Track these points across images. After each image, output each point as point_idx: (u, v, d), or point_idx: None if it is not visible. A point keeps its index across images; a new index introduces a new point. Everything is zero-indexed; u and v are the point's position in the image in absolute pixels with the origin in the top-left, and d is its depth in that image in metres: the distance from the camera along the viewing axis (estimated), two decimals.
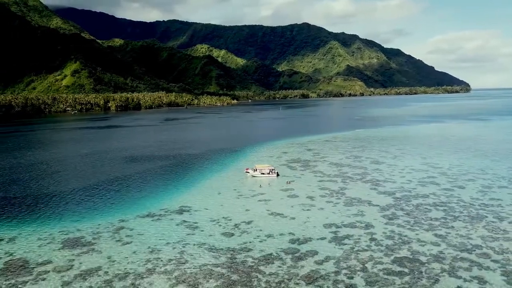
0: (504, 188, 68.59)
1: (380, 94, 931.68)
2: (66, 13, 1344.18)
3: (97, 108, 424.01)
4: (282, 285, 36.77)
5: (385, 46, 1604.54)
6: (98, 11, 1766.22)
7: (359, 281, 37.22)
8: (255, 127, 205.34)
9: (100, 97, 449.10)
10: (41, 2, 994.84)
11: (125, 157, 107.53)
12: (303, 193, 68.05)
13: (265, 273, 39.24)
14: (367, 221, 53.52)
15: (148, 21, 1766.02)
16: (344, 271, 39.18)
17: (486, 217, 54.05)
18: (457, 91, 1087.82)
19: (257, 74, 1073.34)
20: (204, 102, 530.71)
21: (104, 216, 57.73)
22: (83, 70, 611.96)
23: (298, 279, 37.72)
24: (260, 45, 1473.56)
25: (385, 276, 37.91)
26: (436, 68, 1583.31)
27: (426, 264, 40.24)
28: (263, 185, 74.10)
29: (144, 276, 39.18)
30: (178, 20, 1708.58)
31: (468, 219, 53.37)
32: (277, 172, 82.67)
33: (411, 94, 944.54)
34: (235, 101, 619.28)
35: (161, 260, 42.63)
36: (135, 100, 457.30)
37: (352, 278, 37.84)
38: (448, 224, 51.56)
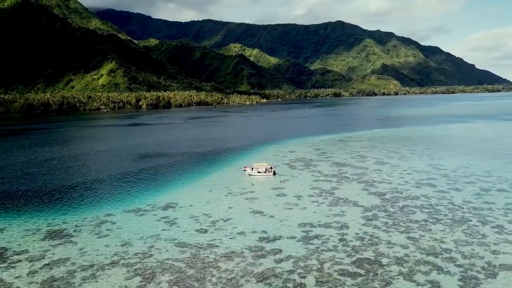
0: (503, 192, 65.65)
1: (416, 93, 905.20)
2: (106, 14, 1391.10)
3: (129, 106, 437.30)
4: (233, 281, 37.31)
5: (422, 44, 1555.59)
6: (135, 12, 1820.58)
7: (310, 280, 37.17)
8: (272, 126, 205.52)
9: (132, 95, 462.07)
10: (81, 4, 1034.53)
11: (133, 154, 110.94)
12: (292, 192, 67.96)
13: (220, 269, 39.88)
14: (344, 221, 52.97)
15: (183, 21, 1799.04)
16: (299, 270, 39.18)
17: (470, 220, 52.16)
18: (498, 90, 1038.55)
19: (289, 73, 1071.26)
20: (233, 101, 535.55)
21: (92, 210, 60.16)
22: (118, 69, 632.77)
23: (250, 277, 38.11)
24: (293, 44, 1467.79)
25: (338, 277, 37.63)
26: (477, 66, 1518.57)
27: (385, 267, 39.54)
28: (255, 184, 74.56)
29: (106, 268, 40.79)
30: (212, 20, 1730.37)
31: (450, 222, 51.71)
32: (274, 171, 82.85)
33: (449, 93, 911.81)
34: (264, 100, 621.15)
35: (128, 254, 44.15)
36: (165, 98, 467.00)
37: (304, 277, 37.82)
38: (426, 227, 50.18)
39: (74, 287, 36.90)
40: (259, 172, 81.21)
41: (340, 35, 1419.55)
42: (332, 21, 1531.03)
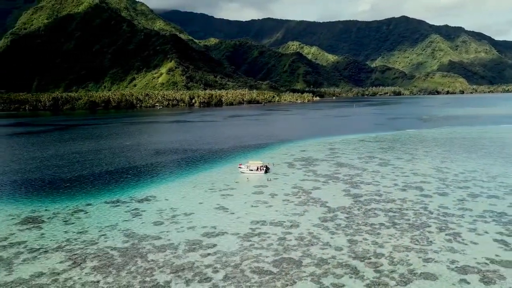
0: (492, 198, 61.05)
1: (484, 92, 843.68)
2: (170, 15, 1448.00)
3: (182, 104, 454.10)
4: (148, 271, 39.25)
5: (496, 39, 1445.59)
6: (199, 12, 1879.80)
7: (219, 275, 38.04)
8: (302, 125, 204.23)
9: (186, 94, 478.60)
10: (147, 7, 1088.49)
11: (149, 150, 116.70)
12: (270, 191, 68.31)
13: (147, 259, 41.99)
14: (299, 221, 52.71)
15: (244, 20, 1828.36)
16: (216, 265, 40.16)
17: (429, 226, 49.61)
18: None
19: (348, 71, 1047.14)
20: (284, 99, 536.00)
21: (75, 200, 64.97)
22: (177, 68, 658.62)
23: (167, 268, 39.78)
24: (354, 41, 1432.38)
25: (248, 274, 38.13)
26: None
27: (302, 267, 39.31)
28: (239, 181, 75.76)
29: (49, 252, 44.55)
30: (272, 18, 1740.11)
31: (406, 227, 49.57)
32: (266, 169, 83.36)
33: None
34: (317, 98, 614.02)
35: (77, 240, 47.72)
36: (217, 97, 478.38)
37: (216, 272, 38.76)
38: (376, 231, 48.58)
39: (11, 267, 40.98)
40: (251, 170, 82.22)
41: (404, 31, 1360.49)
42: (396, 16, 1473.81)
